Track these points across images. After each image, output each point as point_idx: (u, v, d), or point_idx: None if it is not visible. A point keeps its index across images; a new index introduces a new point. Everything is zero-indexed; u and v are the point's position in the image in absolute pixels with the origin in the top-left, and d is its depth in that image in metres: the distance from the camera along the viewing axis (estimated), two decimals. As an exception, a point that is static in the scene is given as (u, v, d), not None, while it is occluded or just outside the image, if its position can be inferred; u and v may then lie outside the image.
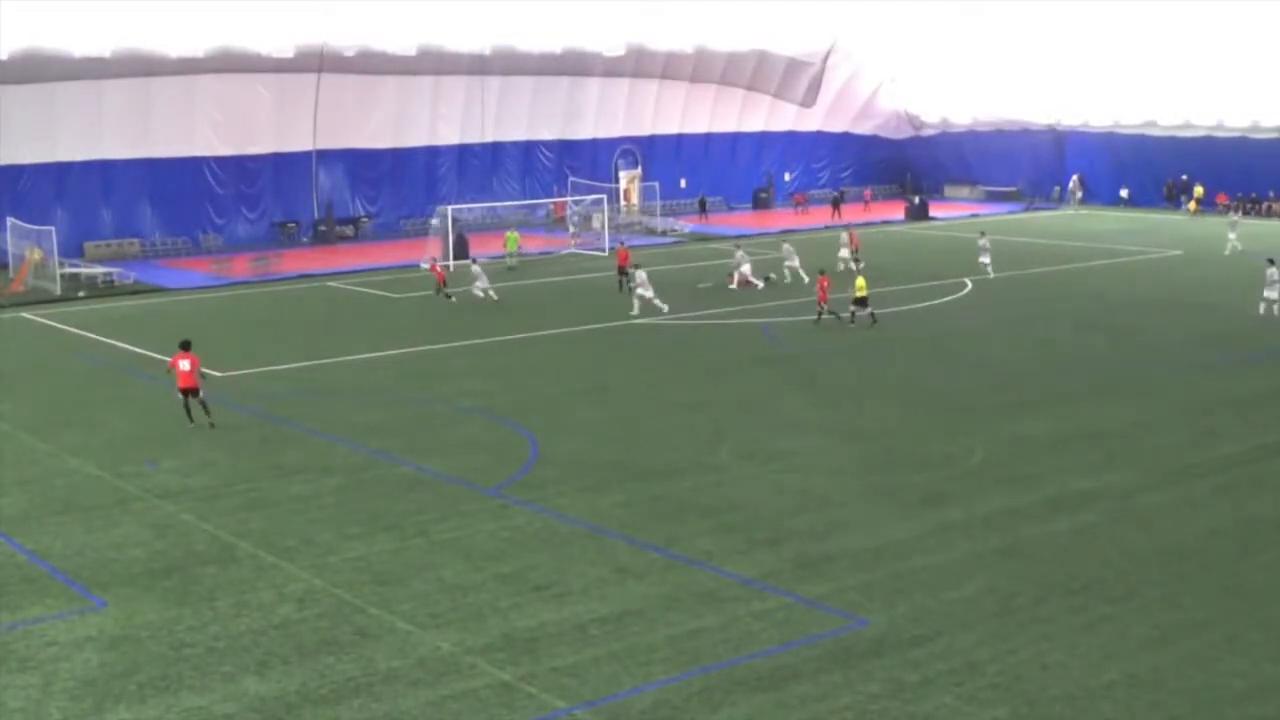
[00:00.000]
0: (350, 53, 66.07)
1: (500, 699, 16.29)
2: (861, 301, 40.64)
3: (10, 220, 57.00)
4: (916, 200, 77.82)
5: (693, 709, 15.91)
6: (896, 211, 77.63)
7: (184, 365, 30.12)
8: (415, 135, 70.94)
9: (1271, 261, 42.34)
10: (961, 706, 15.80)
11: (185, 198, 64.92)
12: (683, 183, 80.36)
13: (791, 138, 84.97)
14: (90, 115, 61.18)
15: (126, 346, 40.42)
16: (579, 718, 15.82)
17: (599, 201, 66.20)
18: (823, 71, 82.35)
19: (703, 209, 77.47)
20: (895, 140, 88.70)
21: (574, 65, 74.02)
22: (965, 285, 49.29)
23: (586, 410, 31.61)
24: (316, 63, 65.66)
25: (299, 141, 67.55)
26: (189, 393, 30.16)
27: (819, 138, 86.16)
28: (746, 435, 28.74)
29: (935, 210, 77.45)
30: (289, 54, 64.42)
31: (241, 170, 66.47)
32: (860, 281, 41.08)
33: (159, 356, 39.03)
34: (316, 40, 64.56)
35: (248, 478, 26.39)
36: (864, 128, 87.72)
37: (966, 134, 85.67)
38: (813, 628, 18.24)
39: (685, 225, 72.38)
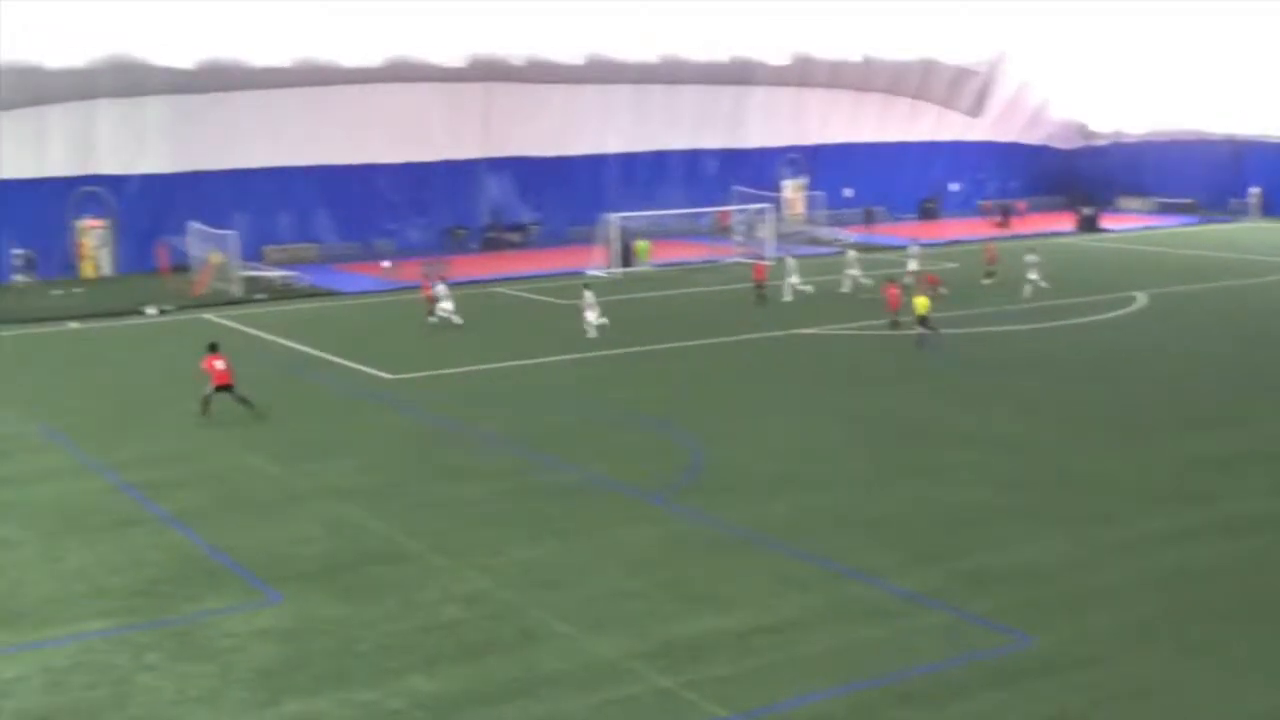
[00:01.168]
0: (519, 61, 67.14)
1: (661, 705, 16.42)
2: (922, 320, 40.30)
3: (193, 225, 59.07)
4: (1086, 212, 76.12)
5: (854, 722, 15.87)
6: (1065, 223, 76.05)
7: (219, 365, 32.36)
8: (581, 143, 71.81)
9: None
10: (1130, 731, 15.49)
11: (358, 203, 66.77)
12: (848, 192, 79.82)
13: (958, 147, 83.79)
14: (269, 123, 63.26)
15: (301, 348, 41.54)
16: (739, 727, 15.90)
17: (763, 210, 66.08)
18: (990, 80, 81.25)
19: (869, 219, 76.94)
20: (1065, 150, 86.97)
21: (739, 74, 74.19)
22: (1134, 299, 48.14)
23: (749, 419, 31.62)
24: (487, 71, 66.89)
25: (468, 149, 68.89)
26: (224, 389, 32.19)
27: (986, 147, 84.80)
28: (907, 448, 28.48)
29: (1106, 222, 75.59)
30: (460, 63, 65.74)
31: (412, 177, 68.05)
32: (920, 300, 40.82)
33: (333, 359, 40.22)
34: (487, 50, 65.76)
35: (417, 478, 26.99)
36: (1033, 137, 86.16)
37: (1139, 144, 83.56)
38: (977, 644, 18.04)
39: (850, 235, 71.83)
